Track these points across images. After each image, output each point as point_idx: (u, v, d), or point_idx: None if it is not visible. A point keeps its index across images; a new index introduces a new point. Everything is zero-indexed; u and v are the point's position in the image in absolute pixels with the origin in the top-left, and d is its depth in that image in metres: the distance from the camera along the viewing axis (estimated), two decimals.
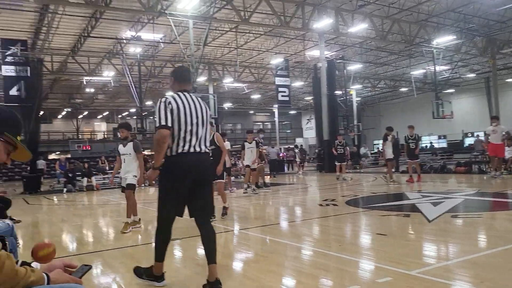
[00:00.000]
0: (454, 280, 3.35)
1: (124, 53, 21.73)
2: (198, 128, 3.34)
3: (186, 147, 3.27)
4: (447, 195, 8.85)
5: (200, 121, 3.36)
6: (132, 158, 6.50)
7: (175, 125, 3.25)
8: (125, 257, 4.84)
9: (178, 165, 3.29)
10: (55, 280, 1.47)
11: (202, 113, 3.40)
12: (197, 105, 3.40)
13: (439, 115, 25.19)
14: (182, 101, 3.32)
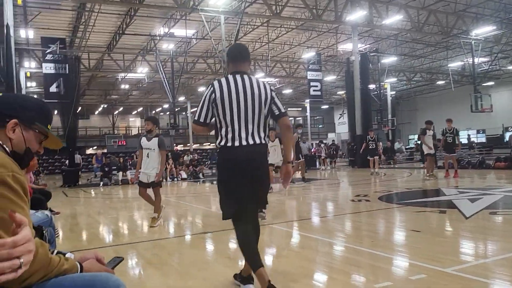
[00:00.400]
0: (493, 279, 3.22)
1: (158, 50, 22.13)
2: (248, 117, 2.93)
3: (235, 140, 2.92)
4: (486, 191, 8.52)
5: (251, 109, 2.93)
6: (156, 154, 6.37)
7: (220, 114, 2.94)
8: (157, 248, 4.94)
9: (227, 159, 3.00)
10: (88, 269, 1.51)
11: (255, 100, 2.94)
12: (250, 90, 2.95)
13: (478, 109, 24.24)
14: (229, 86, 2.94)
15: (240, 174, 2.93)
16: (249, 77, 3.03)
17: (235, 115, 2.93)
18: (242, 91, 2.94)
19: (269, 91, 3.05)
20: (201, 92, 36.50)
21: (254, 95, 2.96)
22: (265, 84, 3.06)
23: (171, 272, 3.87)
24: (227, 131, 2.94)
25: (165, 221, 7.23)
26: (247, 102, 2.94)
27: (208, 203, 9.74)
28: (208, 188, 14.73)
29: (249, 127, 2.95)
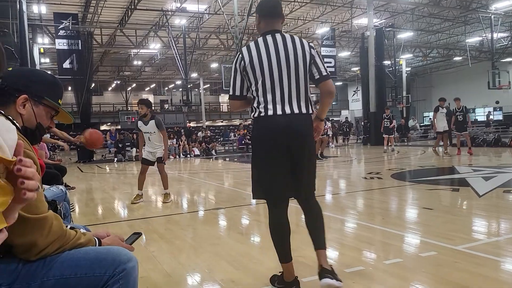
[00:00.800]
0: (504, 257, 3.22)
1: (170, 25, 21.96)
2: (284, 83, 2.51)
3: (268, 109, 2.51)
4: (500, 170, 8.41)
5: (286, 74, 2.51)
6: (156, 135, 6.47)
7: (251, 84, 2.56)
8: (170, 223, 5.03)
9: (261, 132, 2.57)
10: (107, 245, 1.54)
11: (290, 62, 2.51)
12: (284, 51, 2.52)
13: (495, 86, 23.71)
14: (259, 50, 2.53)
15: (275, 149, 2.51)
16: (283, 36, 2.58)
17: (267, 83, 2.51)
18: (274, 53, 2.52)
19: (307, 50, 2.57)
20: (213, 69, 36.36)
21: (289, 57, 2.52)
22: (302, 42, 2.60)
23: (183, 247, 3.95)
24: (259, 101, 2.53)
25: (179, 197, 7.34)
26: (281, 66, 2.51)
27: (220, 180, 9.83)
28: (220, 165, 14.84)
29: (285, 94, 2.51)
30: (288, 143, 2.50)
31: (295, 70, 2.52)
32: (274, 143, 2.51)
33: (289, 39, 2.57)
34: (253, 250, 3.76)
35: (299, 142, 2.53)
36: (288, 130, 2.49)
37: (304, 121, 2.56)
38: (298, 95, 2.54)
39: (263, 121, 2.54)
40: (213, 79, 42.28)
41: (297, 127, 2.51)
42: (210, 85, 46.14)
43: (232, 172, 11.58)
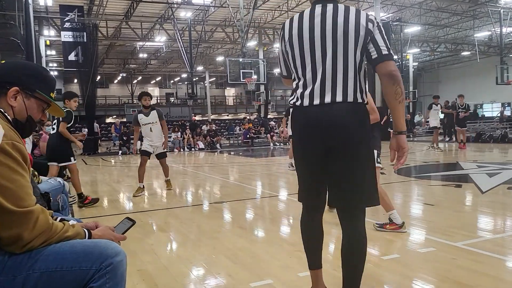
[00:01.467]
0: (504, 255, 3.19)
1: (175, 18, 21.90)
2: (326, 65, 2.02)
3: (306, 97, 2.06)
4: (505, 166, 8.34)
5: (331, 52, 2.01)
6: (158, 125, 6.67)
7: (290, 64, 2.16)
8: (171, 216, 5.05)
9: (298, 126, 2.14)
10: (98, 237, 1.53)
11: (338, 39, 1.99)
12: (331, 25, 2.00)
13: (503, 81, 23.42)
14: (302, 24, 2.08)
15: (311, 146, 2.09)
16: (336, 7, 2.04)
17: (307, 65, 2.06)
18: (319, 28, 2.02)
19: (364, 24, 2.00)
20: (219, 62, 36.32)
21: (336, 33, 1.99)
22: (359, 14, 2.03)
23: (182, 240, 3.96)
24: (298, 85, 2.11)
25: (182, 190, 7.36)
26: (325, 44, 2.01)
27: (225, 174, 9.84)
28: (225, 159, 14.84)
29: (326, 80, 2.02)
30: (328, 139, 2.02)
31: (344, 48, 1.99)
32: (310, 139, 2.07)
33: (341, 10, 2.02)
34: (253, 245, 3.76)
35: (342, 137, 2.00)
36: (328, 123, 2.01)
37: (349, 112, 2.01)
38: (344, 80, 2.00)
39: (299, 111, 2.11)
40: (218, 73, 42.21)
41: (339, 120, 2.00)
42: (216, 79, 46.08)
43: (237, 166, 11.59)
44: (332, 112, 2.01)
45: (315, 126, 2.04)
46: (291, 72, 2.20)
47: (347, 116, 2.01)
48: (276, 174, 9.42)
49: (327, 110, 2.01)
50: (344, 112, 2.01)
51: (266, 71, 20.19)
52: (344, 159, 2.02)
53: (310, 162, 2.13)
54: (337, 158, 2.03)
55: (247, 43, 21.65)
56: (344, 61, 2.00)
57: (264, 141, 21.14)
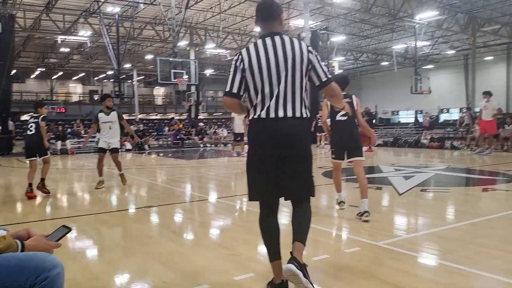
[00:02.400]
0: (418, 252, 3.51)
1: (102, 12, 20.92)
2: (280, 87, 2.50)
3: (263, 112, 2.51)
4: (419, 170, 9.11)
5: (283, 77, 2.50)
6: (117, 125, 7.54)
7: (249, 85, 2.55)
8: (99, 222, 4.84)
9: (255, 135, 2.59)
10: (31, 247, 1.45)
11: (288, 65, 2.50)
12: (282, 54, 2.51)
13: (417, 91, 25.54)
14: (258, 52, 2.53)
15: (266, 151, 2.52)
16: (282, 38, 2.55)
17: (265, 86, 2.51)
18: (273, 56, 2.51)
19: (306, 54, 2.54)
20: (148, 60, 35.36)
21: (287, 62, 2.50)
22: (301, 45, 2.56)
23: (111, 247, 3.83)
24: (257, 103, 2.54)
25: (108, 194, 7.07)
26: (279, 70, 2.50)
27: (153, 176, 9.61)
28: (154, 161, 14.47)
29: (280, 98, 2.50)
30: (280, 146, 2.49)
31: (293, 75, 2.51)
32: (266, 145, 2.52)
33: (288, 42, 2.54)
34: (187, 250, 3.74)
35: (293, 145, 2.52)
36: (281, 133, 2.49)
37: (297, 125, 2.54)
38: (293, 99, 2.52)
39: (257, 124, 2.55)
40: (147, 71, 41.00)
41: (289, 131, 2.51)
42: (145, 77, 44.73)
43: (166, 168, 11.36)
44: (285, 124, 2.51)
45: (271, 135, 2.51)
46: (241, 93, 2.57)
47: (297, 128, 2.54)
48: (206, 176, 9.40)
49: (281, 123, 2.50)
50: (295, 125, 2.53)
51: (198, 72, 20.02)
52: (296, 162, 2.54)
53: (266, 166, 2.54)
54: (289, 162, 2.52)
55: (179, 42, 21.31)
56: (294, 84, 2.52)
57: (194, 143, 20.94)
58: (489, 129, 12.14)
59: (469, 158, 11.80)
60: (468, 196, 6.44)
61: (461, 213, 5.03)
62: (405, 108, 40.69)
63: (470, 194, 6.63)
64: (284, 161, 2.52)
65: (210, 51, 30.85)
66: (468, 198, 6.21)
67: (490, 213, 4.85)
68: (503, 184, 7.27)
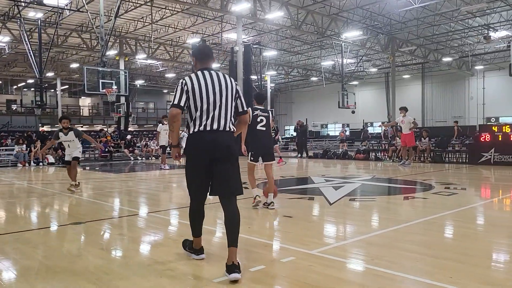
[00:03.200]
0: (349, 258, 3.68)
1: (22, 17, 19.58)
2: (216, 106, 3.31)
3: (202, 126, 3.29)
4: (347, 180, 9.58)
5: (218, 100, 3.32)
6: (75, 142, 8.43)
7: (191, 105, 3.31)
8: (20, 242, 4.46)
9: (195, 143, 3.32)
10: None
11: (222, 92, 3.36)
12: (217, 83, 3.36)
13: (344, 105, 26.92)
14: (199, 80, 3.35)
15: (203, 156, 3.28)
16: (216, 73, 3.44)
17: (204, 106, 3.29)
18: (210, 84, 3.34)
19: (234, 86, 3.46)
20: (73, 69, 33.68)
21: (221, 89, 3.36)
22: (231, 79, 3.47)
23: (37, 268, 3.55)
24: (196, 120, 3.31)
25: (27, 211, 6.57)
26: (215, 95, 3.33)
27: (79, 191, 9.08)
28: (79, 174, 13.69)
29: (215, 116, 3.31)
30: (215, 151, 3.28)
31: (226, 99, 3.36)
32: (204, 151, 3.29)
33: (221, 76, 3.42)
34: (120, 267, 3.57)
35: (225, 151, 3.31)
36: (216, 141, 3.28)
37: (228, 136, 3.38)
38: (225, 117, 3.34)
39: (197, 134, 3.30)
40: (72, 80, 38.93)
41: (222, 140, 3.31)
42: (69, 87, 42.41)
43: (93, 183, 10.80)
44: (219, 135, 3.31)
45: (208, 143, 3.27)
46: (184, 107, 3.32)
47: (228, 138, 3.36)
48: (137, 190, 9.08)
49: (215, 134, 3.30)
50: (227, 136, 3.36)
51: (128, 82, 19.40)
52: (227, 165, 3.32)
53: (202, 169, 3.31)
54: (221, 163, 3.29)
55: (107, 51, 20.52)
56: (226, 106, 3.37)
57: (124, 155, 20.17)
58: (408, 142, 13.12)
59: (391, 169, 12.63)
60: (392, 204, 6.89)
61: (386, 220, 5.36)
62: (333, 121, 42.68)
63: (393, 202, 7.10)
64: (217, 163, 3.28)
65: (141, 61, 30.10)
66: (391, 206, 6.63)
67: (411, 219, 5.23)
68: (421, 192, 7.87)
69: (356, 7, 21.39)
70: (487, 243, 4.19)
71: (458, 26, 25.23)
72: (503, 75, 29.25)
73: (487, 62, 32.98)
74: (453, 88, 35.93)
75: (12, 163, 16.80)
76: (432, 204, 6.45)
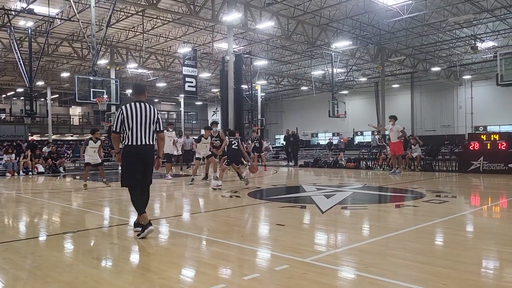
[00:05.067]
0: (343, 266, 3.69)
1: (12, 26, 19.46)
2: (141, 128, 4.92)
3: (131, 141, 4.91)
4: (338, 189, 9.61)
5: (143, 124, 4.94)
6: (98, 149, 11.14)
7: (125, 127, 4.91)
8: (9, 251, 4.39)
9: (127, 153, 4.98)
10: None
11: (146, 118, 4.96)
12: (143, 112, 4.96)
13: (334, 114, 27.09)
14: (131, 109, 4.94)
15: (135, 161, 4.94)
16: (145, 104, 5.06)
17: (133, 128, 4.90)
18: (139, 113, 4.96)
19: (156, 114, 5.09)
20: (64, 78, 33.57)
21: (146, 116, 4.99)
22: (155, 109, 5.12)
23: (27, 278, 3.49)
24: (129, 137, 4.92)
25: (16, 220, 6.48)
26: (142, 119, 4.95)
27: (69, 200, 8.99)
28: (69, 184, 13.56)
29: (140, 135, 4.93)
30: (141, 158, 4.97)
31: (149, 122, 5.00)
32: (134, 158, 4.96)
33: (148, 107, 5.04)
34: (112, 276, 3.54)
35: (149, 159, 5.06)
36: (142, 152, 4.97)
37: (150, 148, 5.04)
38: (149, 135, 4.99)
39: (130, 147, 4.94)
40: (63, 89, 38.67)
41: (146, 151, 4.99)
42: (59, 96, 42.11)
43: (83, 192, 10.68)
44: (144, 148, 4.97)
45: (137, 152, 4.95)
46: (120, 131, 4.98)
47: (149, 149, 5.04)
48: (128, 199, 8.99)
49: (142, 147, 4.95)
50: (149, 148, 5.02)
51: (119, 91, 19.35)
52: (149, 168, 5.07)
53: (136, 170, 4.96)
54: (145, 166, 5.01)
55: (98, 61, 20.45)
56: (150, 128, 5.01)
57: (115, 164, 20.00)
58: (397, 150, 13.24)
59: (382, 177, 12.72)
60: (383, 212, 6.93)
61: (378, 228, 5.39)
62: (324, 130, 42.89)
63: (385, 210, 7.14)
64: (144, 166, 4.99)
65: (132, 70, 30.06)
66: (383, 214, 6.67)
67: (403, 227, 5.27)
68: (412, 200, 7.93)
69: (346, 17, 21.68)
70: (478, 250, 4.24)
71: (446, 37, 25.69)
72: (490, 85, 29.76)
73: (475, 72, 33.57)
74: (441, 98, 36.45)
75: (0, 173, 16.57)
76: (423, 212, 6.50)
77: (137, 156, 4.89)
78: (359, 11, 20.98)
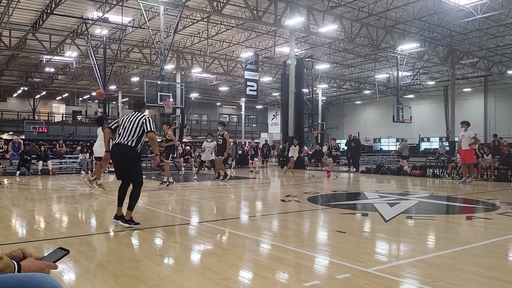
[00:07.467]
0: (408, 279, 3.51)
1: (89, 34, 20.98)
2: (126, 131, 5.66)
3: (118, 140, 5.73)
4: (403, 197, 9.22)
5: (128, 128, 5.67)
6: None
7: (120, 127, 5.81)
8: (82, 245, 4.71)
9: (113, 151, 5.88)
10: (27, 268, 1.42)
11: (131, 124, 5.67)
12: (131, 120, 5.72)
13: (399, 119, 26.08)
14: (125, 117, 5.87)
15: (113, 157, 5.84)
16: (136, 112, 5.86)
17: (121, 130, 5.72)
18: (129, 120, 5.74)
19: (142, 120, 5.69)
20: (134, 82, 35.44)
21: (131, 121, 5.71)
22: (142, 115, 5.80)
23: (99, 271, 3.72)
24: (117, 136, 5.79)
25: (88, 215, 6.90)
26: (126, 123, 5.73)
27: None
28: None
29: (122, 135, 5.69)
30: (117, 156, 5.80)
31: (134, 128, 5.65)
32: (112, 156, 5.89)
33: (137, 114, 5.81)
34: (176, 274, 3.66)
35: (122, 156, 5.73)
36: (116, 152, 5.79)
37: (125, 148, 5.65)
38: (127, 137, 5.64)
39: (117, 145, 5.74)
40: (133, 93, 40.95)
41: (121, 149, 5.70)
42: (129, 99, 44.58)
43: (149, 191, 11.18)
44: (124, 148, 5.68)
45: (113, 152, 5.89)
46: (114, 129, 5.99)
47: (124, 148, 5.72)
48: (190, 199, 9.29)
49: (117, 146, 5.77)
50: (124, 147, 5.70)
51: (184, 95, 20.09)
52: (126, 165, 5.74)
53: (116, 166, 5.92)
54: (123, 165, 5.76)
55: (165, 65, 21.42)
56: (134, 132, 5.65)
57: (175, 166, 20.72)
58: (467, 158, 12.40)
59: (451, 186, 12.01)
60: (453, 223, 6.53)
61: (447, 240, 5.09)
62: (387, 136, 41.42)
63: (454, 221, 6.72)
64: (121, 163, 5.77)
65: (196, 75, 31.07)
66: (452, 226, 6.29)
67: (475, 240, 4.93)
68: (483, 212, 7.40)
69: (413, 18, 20.80)
70: None
71: None
72: None
73: None
74: None
75: (76, 171, 17.86)
76: (497, 225, 6.04)
77: (113, 154, 5.79)
78: (428, 12, 20.04)
